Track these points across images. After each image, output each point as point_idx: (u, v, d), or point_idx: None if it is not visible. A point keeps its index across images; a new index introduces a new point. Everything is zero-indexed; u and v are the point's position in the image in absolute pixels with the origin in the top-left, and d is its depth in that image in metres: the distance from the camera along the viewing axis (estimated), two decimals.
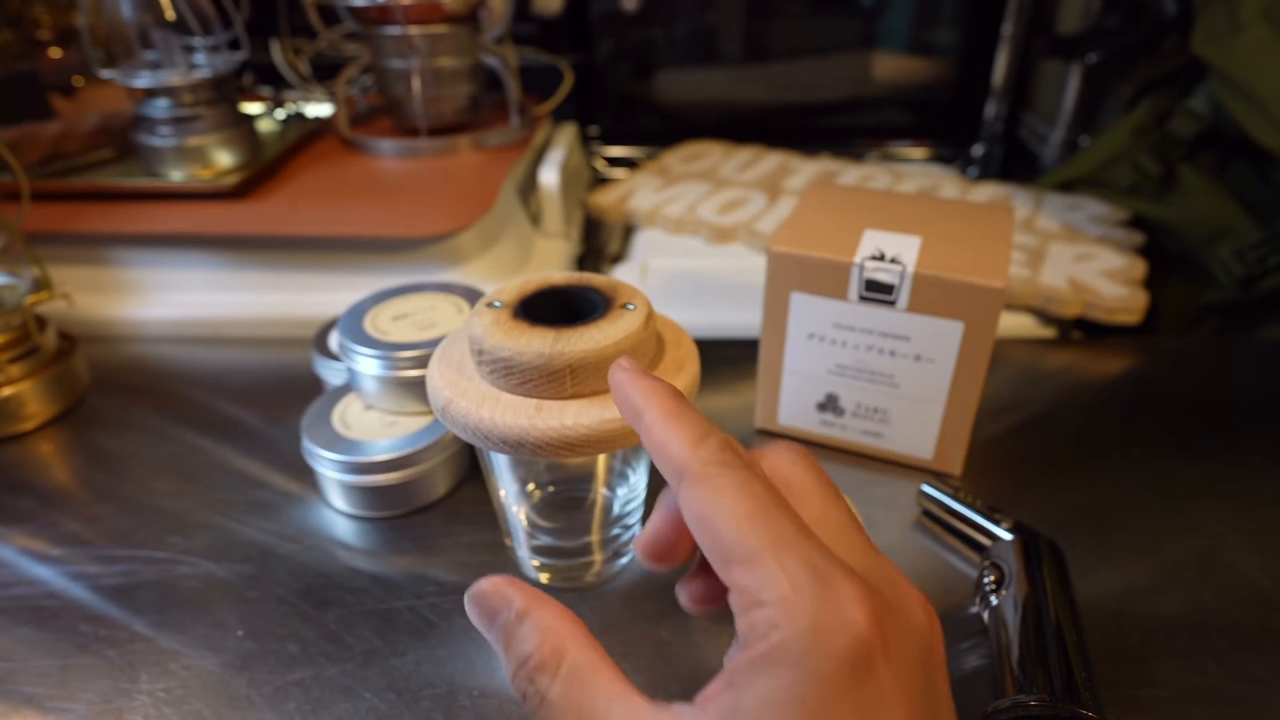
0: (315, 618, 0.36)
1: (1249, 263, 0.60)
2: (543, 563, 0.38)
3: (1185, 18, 0.69)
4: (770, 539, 0.19)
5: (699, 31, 0.90)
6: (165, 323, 0.58)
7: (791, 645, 0.18)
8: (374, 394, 0.42)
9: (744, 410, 0.49)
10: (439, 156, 0.67)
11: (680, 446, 0.21)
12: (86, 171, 0.63)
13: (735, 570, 0.19)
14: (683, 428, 0.22)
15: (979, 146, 0.92)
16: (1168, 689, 0.32)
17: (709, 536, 0.20)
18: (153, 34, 0.58)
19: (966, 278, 0.38)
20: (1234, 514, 0.41)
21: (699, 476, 0.21)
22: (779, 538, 0.19)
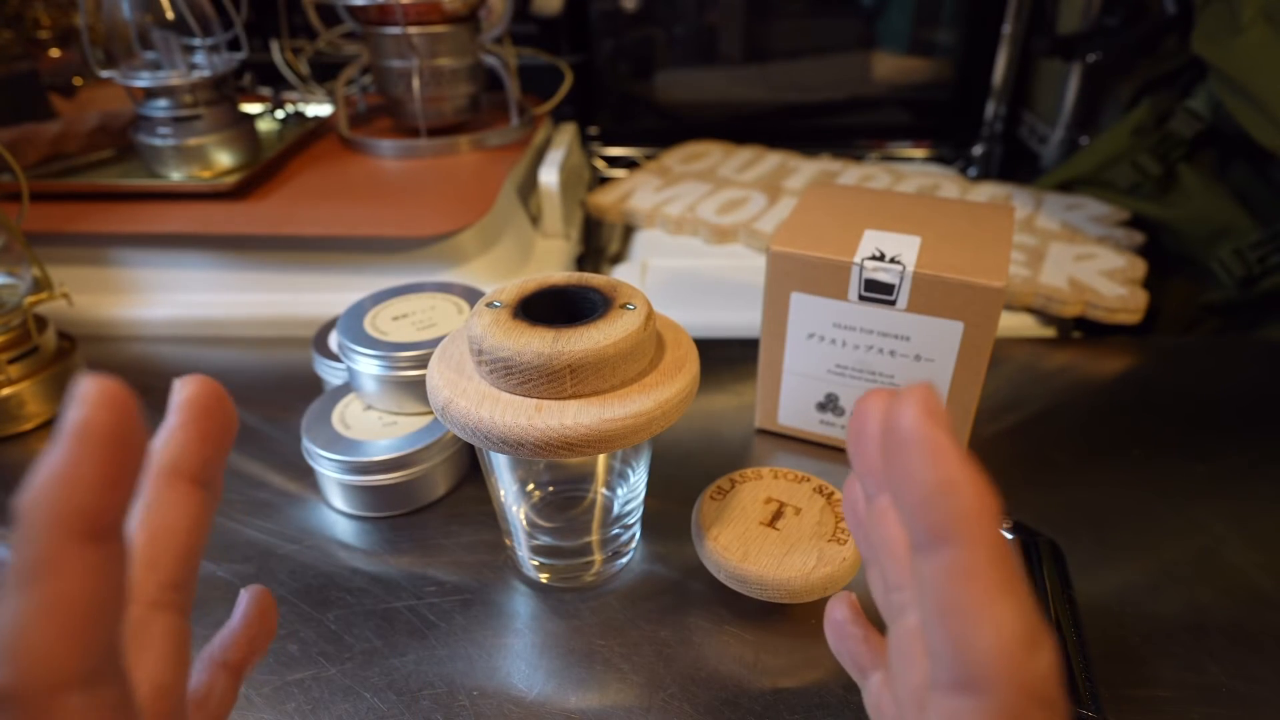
0: (315, 618, 0.36)
1: (1249, 263, 0.60)
2: (542, 563, 0.38)
3: (1185, 18, 0.69)
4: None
5: (699, 31, 0.90)
6: (165, 323, 0.58)
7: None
8: (374, 394, 0.42)
9: (744, 410, 0.49)
10: (439, 156, 0.67)
11: (1000, 641, 0.14)
12: (86, 171, 0.63)
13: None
14: (1013, 608, 0.15)
15: (979, 146, 0.92)
16: (1168, 689, 0.32)
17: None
18: (152, 34, 0.58)
19: (966, 277, 0.38)
20: (1234, 514, 0.41)
21: (1009, 713, 0.14)
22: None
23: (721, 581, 0.36)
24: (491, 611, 0.36)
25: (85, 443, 0.13)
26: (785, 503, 0.38)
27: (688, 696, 0.32)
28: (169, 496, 0.18)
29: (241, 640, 0.23)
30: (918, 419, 0.15)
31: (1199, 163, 0.68)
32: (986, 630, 0.14)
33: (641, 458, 0.36)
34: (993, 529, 0.15)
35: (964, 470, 0.15)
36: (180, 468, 0.18)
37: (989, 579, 0.15)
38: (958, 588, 0.15)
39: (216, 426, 0.18)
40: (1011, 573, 0.15)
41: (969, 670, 0.15)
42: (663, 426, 0.30)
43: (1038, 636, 0.15)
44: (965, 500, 0.15)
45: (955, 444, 0.15)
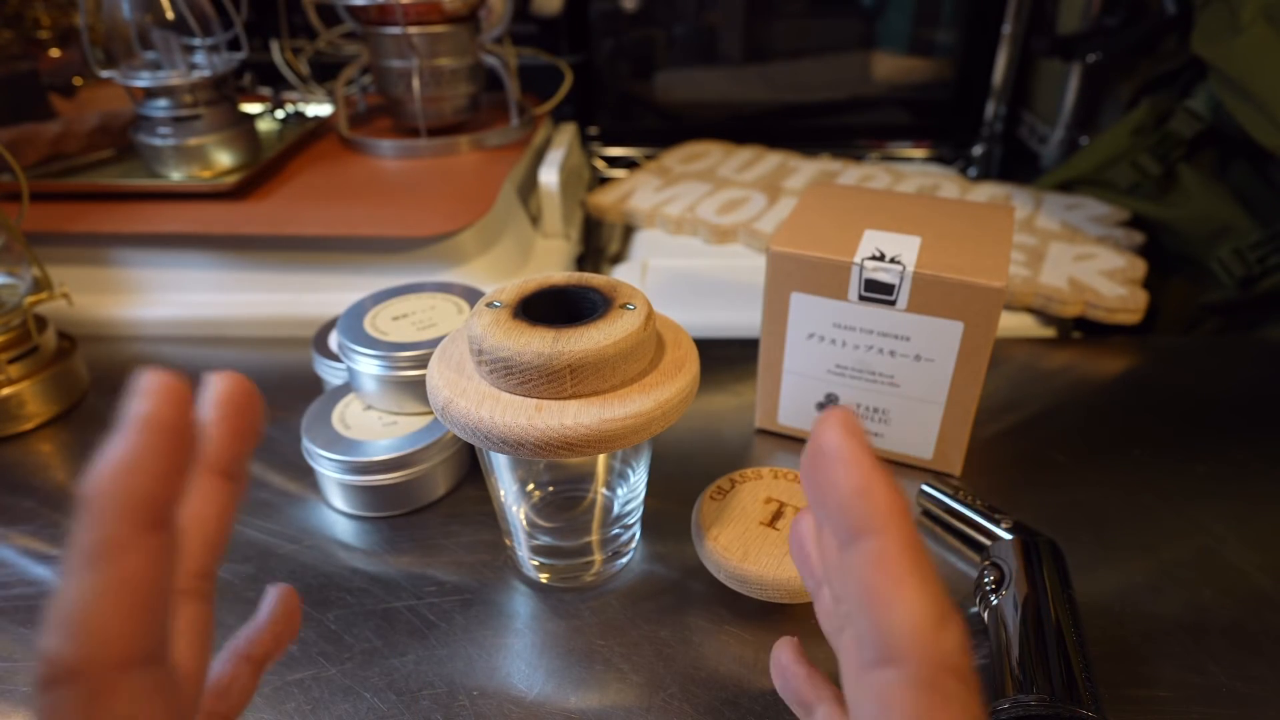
0: (315, 618, 0.36)
1: (1249, 263, 0.60)
2: (542, 563, 0.38)
3: (1185, 18, 0.69)
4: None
5: (699, 31, 0.90)
6: (165, 323, 0.58)
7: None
8: (374, 394, 0.42)
9: (744, 410, 0.49)
10: (439, 156, 0.67)
11: (911, 617, 0.16)
12: (86, 171, 0.63)
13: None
14: (923, 590, 0.16)
15: (979, 146, 0.92)
16: (1168, 689, 0.32)
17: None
18: (152, 34, 0.58)
19: (966, 278, 0.38)
20: (1234, 514, 0.41)
21: (925, 683, 0.16)
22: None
23: (721, 581, 0.36)
24: (491, 611, 0.36)
25: (150, 433, 0.14)
26: (785, 503, 0.38)
27: (688, 696, 0.32)
28: (201, 488, 0.19)
29: (267, 636, 0.24)
30: (836, 436, 0.17)
31: (1199, 163, 0.68)
32: (899, 609, 0.16)
33: (641, 458, 0.36)
34: (904, 522, 0.17)
35: (876, 475, 0.17)
36: (211, 461, 0.19)
37: (901, 564, 0.17)
38: (874, 573, 0.17)
39: (247, 423, 0.19)
40: (922, 560, 0.17)
41: (887, 645, 0.16)
42: (663, 426, 0.30)
43: (945, 614, 0.17)
44: (879, 499, 0.17)
45: (869, 455, 0.17)
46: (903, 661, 0.16)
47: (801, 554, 0.25)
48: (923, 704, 0.16)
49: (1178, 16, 0.72)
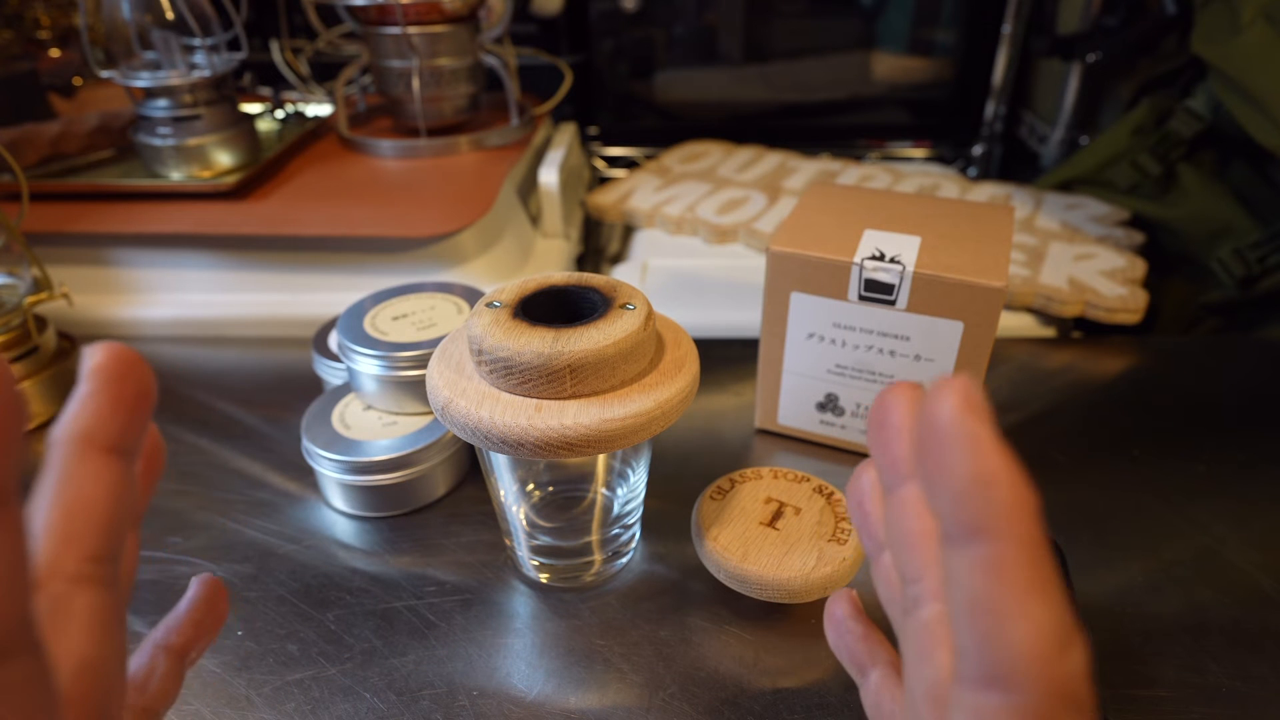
0: (315, 618, 0.36)
1: (1249, 262, 0.60)
2: (542, 563, 0.38)
3: (1185, 18, 0.69)
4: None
5: (699, 31, 0.90)
6: (165, 323, 0.58)
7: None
8: (373, 394, 0.42)
9: (744, 410, 0.49)
10: (439, 156, 0.67)
11: (1030, 639, 0.14)
12: (86, 171, 0.63)
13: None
14: (1046, 606, 0.14)
15: (979, 146, 0.92)
16: (1168, 689, 0.32)
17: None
18: (152, 34, 0.58)
19: (966, 277, 0.38)
20: (1234, 514, 0.41)
21: (1038, 714, 0.14)
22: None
23: (721, 581, 0.36)
24: (491, 611, 0.36)
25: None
26: (785, 503, 0.38)
27: (688, 696, 0.32)
28: (83, 468, 0.17)
29: (186, 624, 0.24)
30: (957, 410, 0.15)
31: (1199, 163, 0.68)
32: (1020, 627, 0.14)
33: (641, 458, 0.36)
34: (1031, 525, 0.15)
35: (1004, 464, 0.15)
36: (93, 437, 0.17)
37: (1024, 575, 0.14)
38: (991, 583, 0.14)
39: (130, 393, 0.18)
40: (1047, 571, 0.15)
41: (999, 667, 0.14)
42: (663, 426, 0.30)
43: (1071, 636, 0.14)
44: (1004, 494, 0.14)
45: (996, 438, 0.15)
46: (1015, 688, 0.14)
47: (860, 513, 0.23)
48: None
49: (1178, 16, 0.72)
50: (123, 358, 0.17)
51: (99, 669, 0.17)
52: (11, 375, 0.13)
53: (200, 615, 0.24)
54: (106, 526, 0.17)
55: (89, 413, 0.17)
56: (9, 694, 0.14)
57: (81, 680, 0.17)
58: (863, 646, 0.25)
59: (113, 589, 0.18)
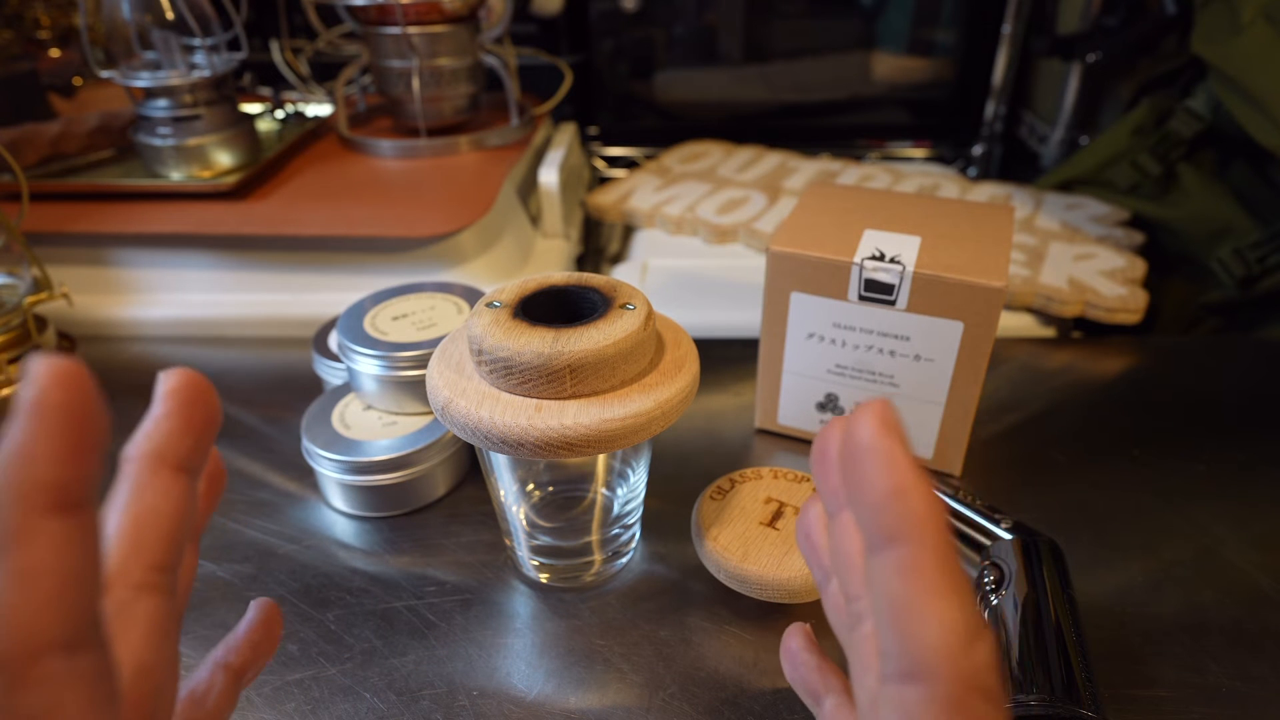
0: (315, 618, 0.36)
1: (1249, 263, 0.60)
2: (542, 563, 0.38)
3: (1185, 18, 0.69)
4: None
5: (699, 31, 0.90)
6: (165, 323, 0.58)
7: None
8: (373, 394, 0.42)
9: (744, 410, 0.49)
10: (439, 156, 0.67)
11: (941, 633, 0.16)
12: (86, 171, 0.63)
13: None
14: (954, 604, 0.16)
15: (979, 146, 0.92)
16: (1168, 689, 0.32)
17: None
18: (152, 34, 0.58)
19: (966, 278, 0.38)
20: (1234, 514, 0.41)
21: (952, 702, 0.15)
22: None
23: (721, 581, 0.36)
24: (491, 611, 0.36)
25: (41, 418, 0.14)
26: (785, 503, 0.38)
27: (688, 696, 0.32)
28: (153, 483, 0.18)
29: (245, 645, 0.24)
30: (874, 431, 0.16)
31: (1199, 163, 0.68)
32: (930, 624, 0.16)
33: (641, 458, 0.36)
34: (940, 532, 0.16)
35: (915, 478, 0.16)
36: (164, 455, 0.18)
37: (933, 576, 0.16)
38: (904, 584, 0.16)
39: (200, 417, 0.19)
40: (955, 572, 0.16)
41: (913, 661, 0.16)
42: (663, 426, 0.30)
43: (977, 631, 0.16)
44: (915, 504, 0.16)
45: (908, 454, 0.16)
46: (929, 679, 0.16)
47: (809, 544, 0.25)
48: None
49: (1178, 16, 0.72)
50: (195, 384, 0.19)
51: (155, 673, 0.18)
52: (94, 390, 0.15)
53: (258, 637, 0.25)
54: (170, 538, 0.18)
55: (162, 432, 0.18)
56: (77, 686, 0.15)
57: (139, 682, 0.18)
58: (816, 676, 0.27)
59: (171, 597, 0.19)
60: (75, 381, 0.14)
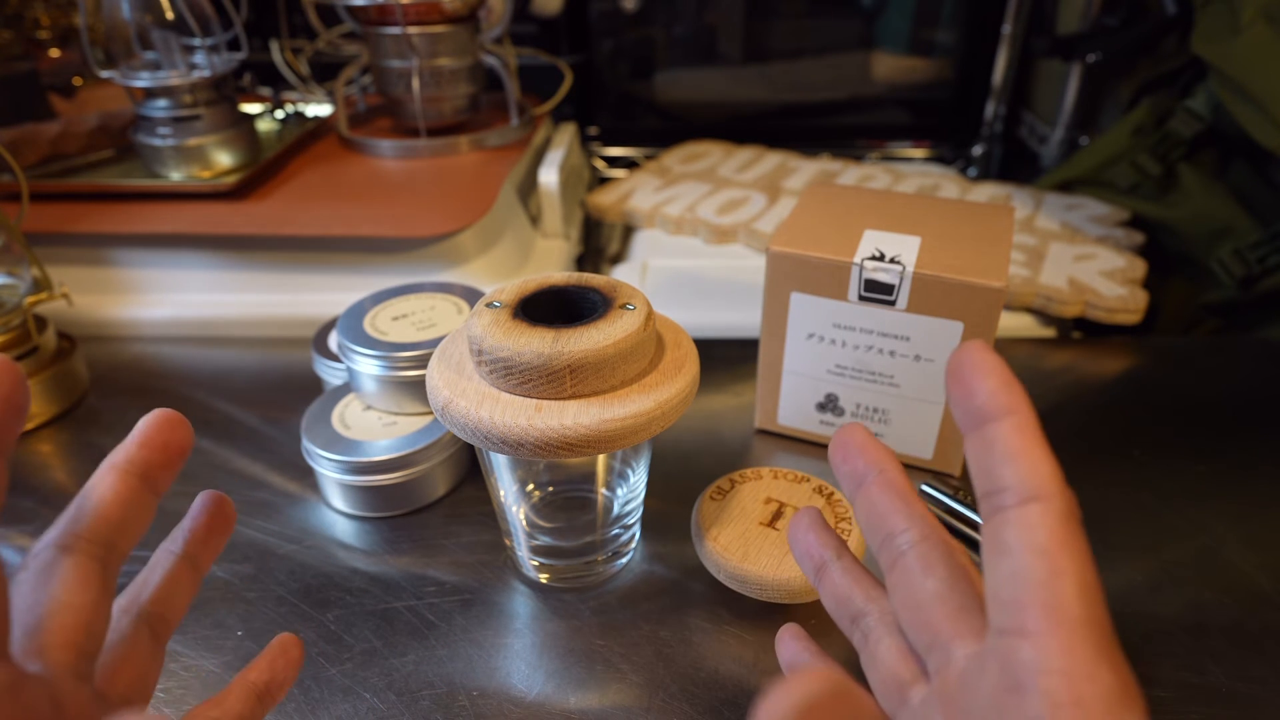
0: (314, 618, 0.36)
1: (1249, 263, 0.60)
2: (542, 563, 0.38)
3: (1185, 18, 0.69)
4: (1103, 636, 0.18)
5: (699, 31, 0.90)
6: (165, 323, 0.58)
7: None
8: (373, 394, 0.42)
9: (744, 410, 0.49)
10: (439, 156, 0.67)
11: (1055, 469, 0.20)
12: (86, 171, 0.63)
13: (1053, 626, 0.18)
14: (1046, 448, 0.20)
15: (979, 146, 0.92)
16: (1168, 689, 0.32)
17: (1049, 569, 0.18)
18: (152, 34, 0.58)
19: (966, 278, 0.38)
20: (1234, 514, 0.41)
21: (1067, 514, 0.19)
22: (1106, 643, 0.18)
23: (721, 581, 0.36)
24: (491, 611, 0.36)
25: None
26: (785, 503, 0.38)
27: (688, 696, 0.32)
28: (105, 476, 0.22)
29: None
30: (979, 351, 0.21)
31: (1199, 163, 0.68)
32: (1048, 461, 0.20)
33: (641, 458, 0.36)
34: (1034, 411, 0.20)
35: (1010, 375, 0.21)
36: (119, 465, 0.22)
37: (1040, 437, 0.20)
38: (1022, 439, 0.20)
39: (166, 438, 0.22)
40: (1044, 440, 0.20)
41: (1036, 484, 0.19)
42: (663, 426, 0.30)
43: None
44: (1017, 389, 0.20)
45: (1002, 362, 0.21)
46: (1049, 497, 0.19)
47: (805, 543, 0.27)
48: (1067, 529, 0.19)
49: (1178, 16, 0.72)
50: (167, 416, 0.23)
51: (82, 612, 0.20)
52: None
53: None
54: (108, 522, 0.21)
55: (127, 448, 0.22)
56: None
57: (62, 619, 0.20)
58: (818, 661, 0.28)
59: (95, 561, 0.21)
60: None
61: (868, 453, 0.25)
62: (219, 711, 0.24)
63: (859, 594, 0.26)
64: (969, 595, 0.22)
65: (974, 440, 0.20)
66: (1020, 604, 0.18)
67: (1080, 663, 0.18)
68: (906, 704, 0.23)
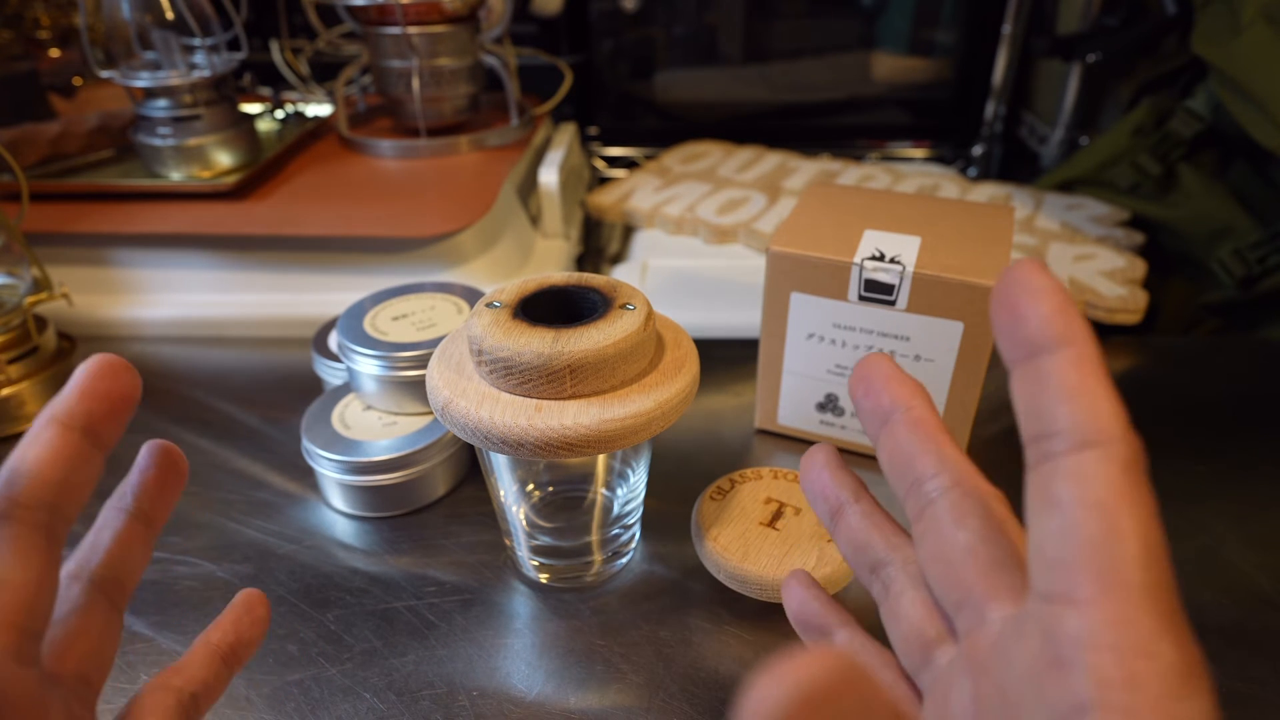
0: (315, 618, 0.36)
1: (1249, 263, 0.60)
2: (542, 563, 0.38)
3: (1185, 18, 0.69)
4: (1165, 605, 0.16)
5: (699, 31, 0.90)
6: (165, 323, 0.58)
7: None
8: (373, 394, 0.42)
9: (744, 410, 0.49)
10: (439, 156, 0.67)
11: (1116, 408, 0.17)
12: (86, 171, 0.63)
13: (1105, 593, 0.16)
14: (1109, 389, 0.17)
15: (979, 146, 0.92)
16: None
17: (1106, 528, 0.16)
18: (152, 34, 0.58)
19: (966, 278, 0.38)
20: (1234, 514, 0.41)
21: (1128, 461, 0.16)
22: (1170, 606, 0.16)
23: (721, 581, 0.36)
24: (491, 611, 0.36)
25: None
26: (785, 503, 0.38)
27: (688, 696, 0.32)
28: (41, 434, 0.19)
29: (227, 623, 0.25)
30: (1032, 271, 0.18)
31: (1199, 163, 0.68)
32: (1109, 400, 0.17)
33: (641, 458, 0.36)
34: (1096, 341, 0.18)
35: (1068, 298, 0.18)
36: (59, 417, 0.20)
37: (1103, 373, 0.17)
38: (1080, 373, 0.17)
39: (107, 387, 0.20)
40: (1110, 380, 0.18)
41: (1094, 428, 0.17)
42: (663, 426, 0.30)
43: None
44: (1076, 316, 0.17)
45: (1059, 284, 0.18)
46: (1107, 442, 0.16)
47: (819, 484, 0.26)
48: (1129, 481, 0.16)
49: (1178, 16, 0.71)
50: (110, 362, 0.20)
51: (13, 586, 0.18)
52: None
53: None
54: (45, 483, 0.19)
55: (64, 398, 0.20)
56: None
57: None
58: (824, 611, 0.27)
59: (38, 530, 0.19)
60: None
61: (893, 387, 0.22)
62: (181, 679, 0.23)
63: (879, 541, 0.24)
64: (1007, 551, 0.20)
65: (1022, 375, 0.18)
66: (1070, 566, 0.16)
67: (1138, 637, 0.15)
68: (931, 664, 0.21)
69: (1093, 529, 0.16)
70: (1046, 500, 0.17)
